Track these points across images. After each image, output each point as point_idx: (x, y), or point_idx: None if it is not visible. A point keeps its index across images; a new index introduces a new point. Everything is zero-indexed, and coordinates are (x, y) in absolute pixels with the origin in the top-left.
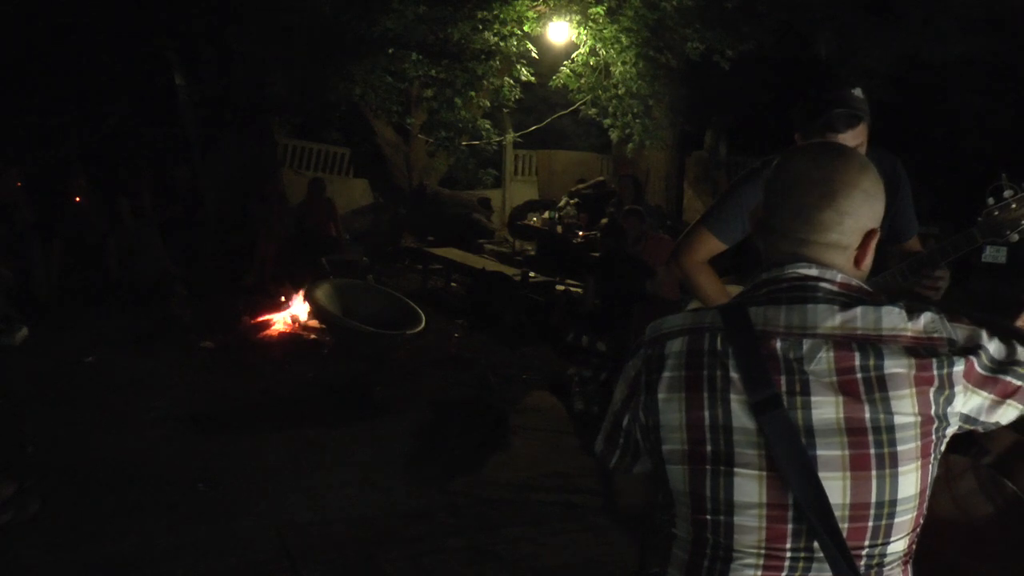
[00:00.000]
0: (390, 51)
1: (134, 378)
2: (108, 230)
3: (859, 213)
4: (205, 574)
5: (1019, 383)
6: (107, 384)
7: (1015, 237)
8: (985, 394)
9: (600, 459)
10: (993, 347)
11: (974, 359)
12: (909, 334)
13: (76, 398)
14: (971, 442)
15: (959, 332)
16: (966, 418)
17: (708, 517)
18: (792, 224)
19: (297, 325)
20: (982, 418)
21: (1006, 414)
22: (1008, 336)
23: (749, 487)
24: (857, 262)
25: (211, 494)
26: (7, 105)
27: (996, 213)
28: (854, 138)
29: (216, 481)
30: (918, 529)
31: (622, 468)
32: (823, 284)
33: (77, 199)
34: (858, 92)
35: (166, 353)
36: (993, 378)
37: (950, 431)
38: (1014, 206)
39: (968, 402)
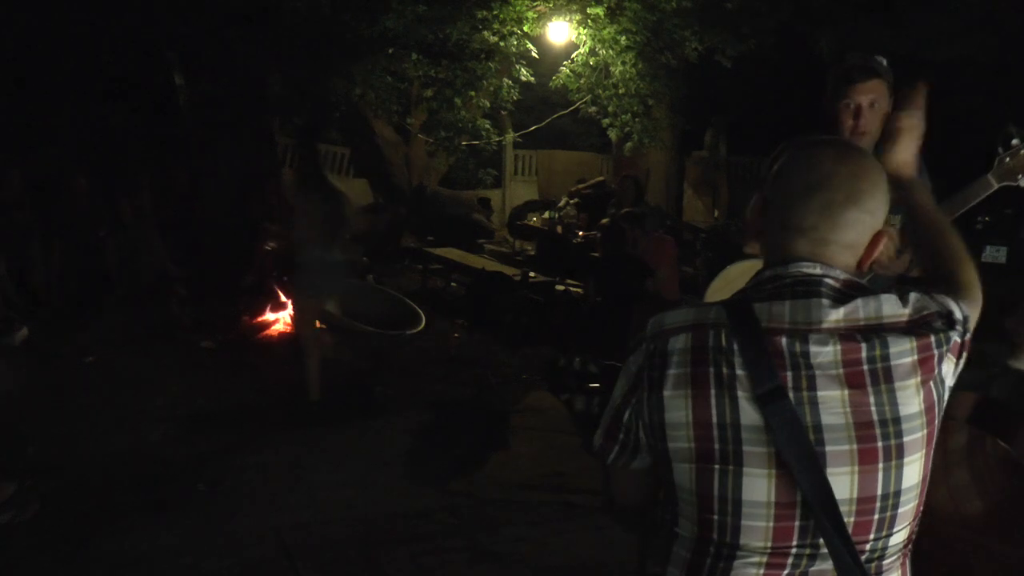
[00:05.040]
0: (390, 51)
1: (134, 378)
2: (108, 230)
3: (879, 213)
4: (205, 574)
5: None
6: (107, 384)
7: None
8: (959, 361)
9: (599, 454)
10: (960, 313)
11: (964, 334)
12: (906, 318)
13: (76, 398)
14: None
15: (944, 302)
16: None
17: (715, 517)
18: (815, 221)
19: None
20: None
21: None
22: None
23: (758, 486)
24: (861, 262)
25: (211, 494)
26: (7, 105)
27: (1008, 160)
28: (870, 91)
29: (216, 481)
30: (918, 518)
31: (620, 464)
32: (827, 280)
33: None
34: (882, 59)
35: (166, 353)
36: (963, 342)
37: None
38: (1023, 152)
39: (950, 370)
